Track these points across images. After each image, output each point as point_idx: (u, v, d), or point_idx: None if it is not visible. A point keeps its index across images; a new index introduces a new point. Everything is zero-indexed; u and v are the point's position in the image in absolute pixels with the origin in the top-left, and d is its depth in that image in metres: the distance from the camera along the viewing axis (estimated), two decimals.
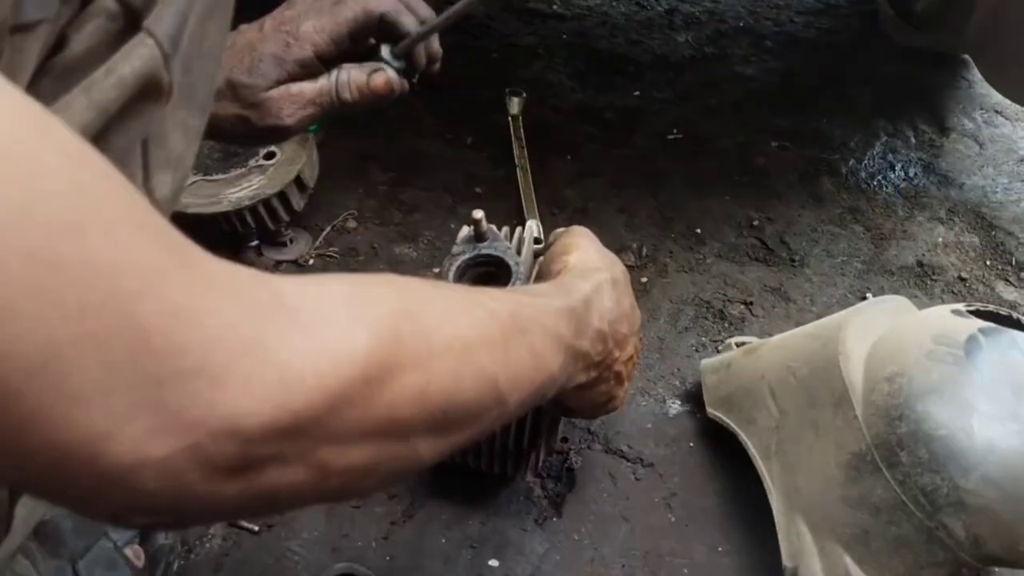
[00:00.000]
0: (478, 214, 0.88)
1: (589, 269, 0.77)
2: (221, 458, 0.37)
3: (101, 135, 0.47)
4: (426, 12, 0.85)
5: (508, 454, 0.93)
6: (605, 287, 0.75)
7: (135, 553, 0.90)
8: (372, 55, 0.85)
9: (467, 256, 0.88)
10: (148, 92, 0.49)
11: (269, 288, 0.40)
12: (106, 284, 0.33)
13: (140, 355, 0.34)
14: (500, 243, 0.90)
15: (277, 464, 0.39)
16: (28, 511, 0.62)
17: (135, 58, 0.47)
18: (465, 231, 0.92)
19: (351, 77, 0.83)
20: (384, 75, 0.84)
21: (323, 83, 0.82)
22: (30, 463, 0.34)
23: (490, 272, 0.89)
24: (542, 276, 0.83)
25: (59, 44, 0.45)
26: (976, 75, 1.73)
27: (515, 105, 1.55)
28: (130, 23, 0.47)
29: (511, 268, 0.87)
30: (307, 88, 0.81)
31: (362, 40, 0.84)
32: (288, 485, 0.41)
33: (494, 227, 0.91)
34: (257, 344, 0.38)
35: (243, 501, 0.40)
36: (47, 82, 0.45)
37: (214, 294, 0.37)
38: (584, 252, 0.81)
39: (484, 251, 0.89)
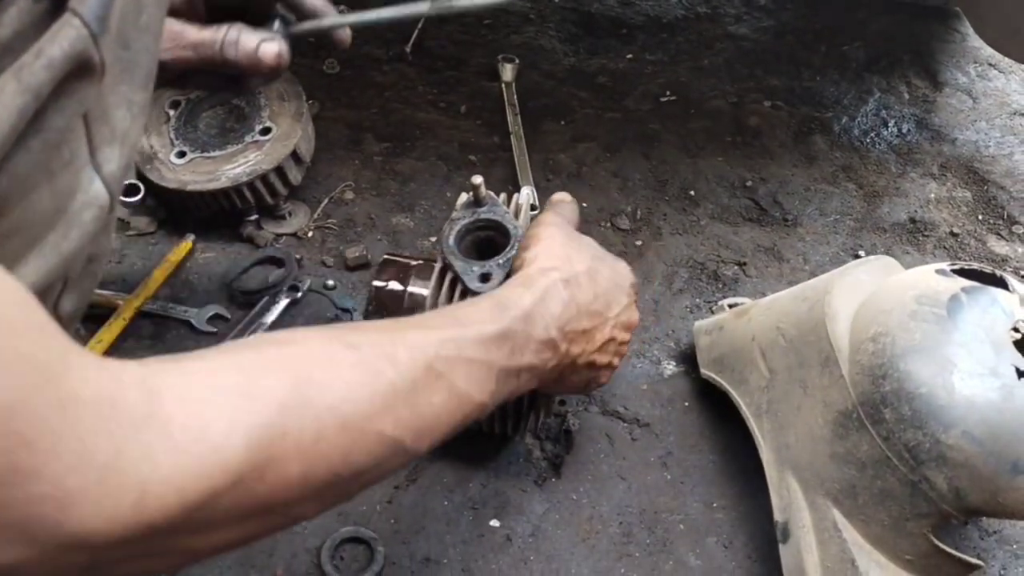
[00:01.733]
0: (477, 179, 0.89)
1: (541, 269, 0.77)
2: (70, 565, 0.39)
3: (37, 117, 0.47)
4: None
5: (508, 415, 0.96)
6: (553, 291, 0.75)
7: None
8: (268, 22, 0.82)
9: (467, 221, 0.91)
10: (79, 72, 0.49)
11: (148, 397, 0.41)
12: None
13: None
14: (499, 208, 0.92)
15: (134, 559, 0.41)
16: None
17: (63, 39, 0.47)
18: (464, 197, 0.94)
19: (241, 37, 0.78)
20: (276, 46, 0.79)
21: (209, 33, 0.78)
22: None
23: (489, 237, 0.92)
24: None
25: None
26: (969, 28, 1.73)
27: (508, 72, 1.56)
28: (56, 4, 0.47)
29: (510, 232, 0.89)
30: (190, 31, 0.78)
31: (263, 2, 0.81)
32: (153, 569, 0.43)
33: (492, 193, 0.93)
34: (114, 467, 0.39)
35: None
36: None
37: (77, 420, 0.38)
38: (545, 245, 0.80)
39: (483, 216, 0.91)
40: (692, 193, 1.41)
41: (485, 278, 0.86)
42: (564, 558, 0.97)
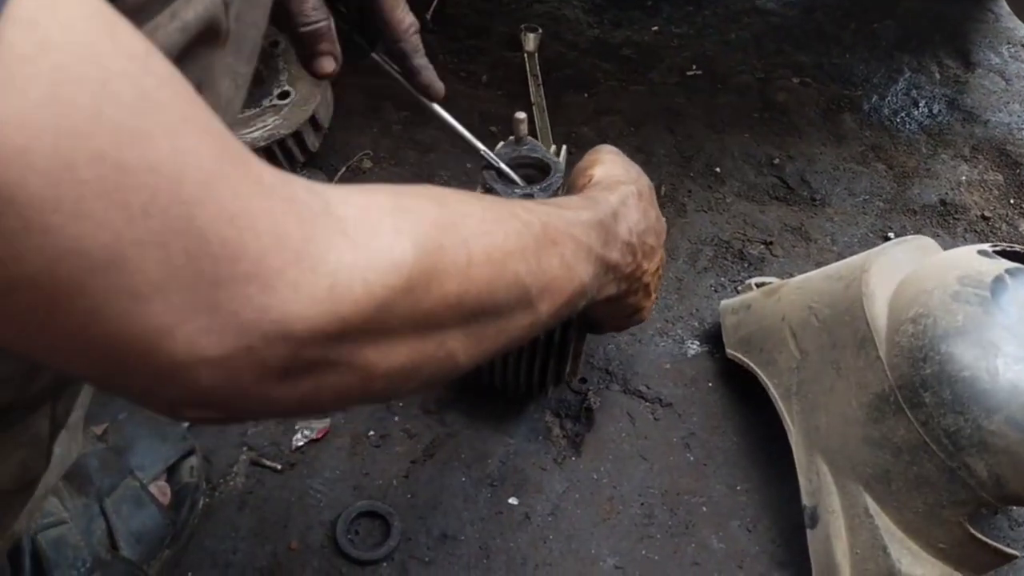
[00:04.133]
0: (521, 115, 0.91)
1: (615, 182, 0.78)
2: (273, 360, 0.38)
3: None
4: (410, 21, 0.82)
5: (532, 369, 0.96)
6: (631, 199, 0.76)
7: (160, 490, 0.91)
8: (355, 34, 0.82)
9: (509, 157, 0.92)
10: (207, 37, 0.50)
11: (320, 198, 0.41)
12: (168, 189, 0.34)
13: (198, 258, 0.35)
14: (540, 146, 0.93)
15: (324, 368, 0.41)
16: (64, 449, 0.63)
17: (197, 4, 0.48)
18: (501, 144, 0.95)
19: (327, 31, 0.77)
20: (333, 66, 0.79)
21: (309, 5, 0.76)
22: (91, 355, 0.36)
23: (528, 175, 0.92)
24: (568, 192, 0.84)
25: None
26: (1003, 8, 1.69)
27: (531, 42, 1.52)
28: None
29: (551, 167, 0.90)
30: None
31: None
32: (334, 387, 0.43)
33: (530, 137, 0.94)
34: (308, 253, 0.39)
35: (292, 402, 0.42)
36: None
37: (269, 202, 0.38)
38: (609, 166, 0.81)
39: (524, 152, 0.92)
40: (718, 170, 1.37)
41: (527, 197, 0.86)
42: (584, 538, 0.95)
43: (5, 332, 0.35)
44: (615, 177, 0.79)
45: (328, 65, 0.78)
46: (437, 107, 0.87)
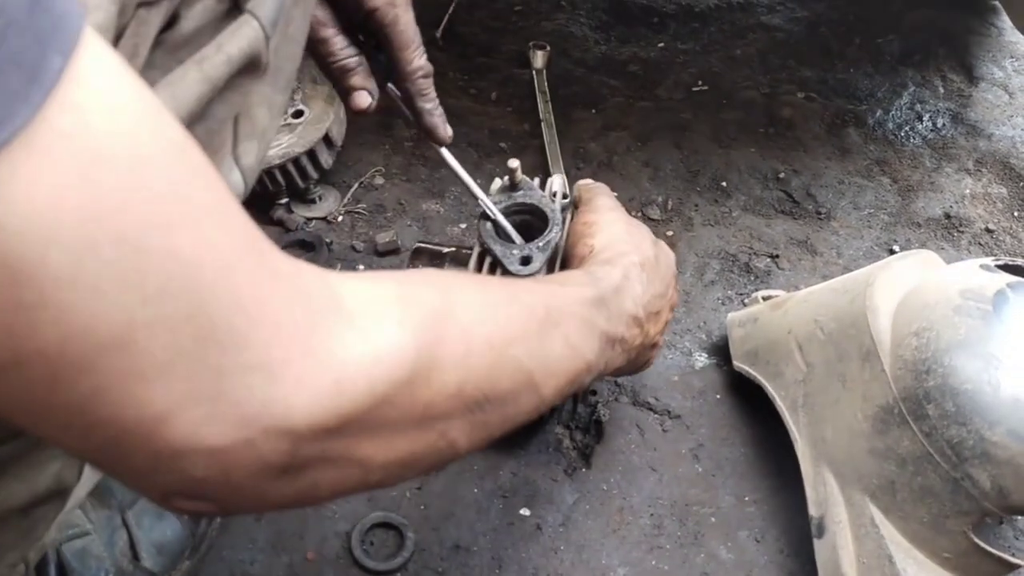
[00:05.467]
0: (514, 163, 0.89)
1: (616, 254, 0.78)
2: (272, 456, 0.38)
3: (207, 105, 0.51)
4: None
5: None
6: (633, 272, 0.76)
7: None
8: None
9: (504, 204, 0.90)
10: (248, 69, 0.52)
11: (329, 288, 0.42)
12: (185, 274, 0.35)
13: (206, 344, 0.36)
14: (535, 191, 0.91)
15: (322, 464, 0.41)
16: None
17: (242, 38, 0.51)
18: (498, 182, 0.93)
19: (357, 69, 0.78)
20: (368, 102, 0.79)
21: (338, 43, 0.77)
22: (90, 435, 0.36)
23: (525, 221, 0.91)
24: (567, 255, 0.84)
25: (171, 20, 0.49)
26: (1007, 22, 1.70)
27: (539, 59, 1.54)
28: (234, 4, 0.51)
29: (548, 216, 0.88)
30: (329, 28, 0.76)
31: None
32: (332, 481, 0.43)
33: (527, 177, 0.92)
34: (314, 345, 0.39)
35: (288, 498, 0.42)
36: (159, 54, 0.49)
37: (281, 293, 0.39)
38: (608, 232, 0.81)
39: (519, 199, 0.90)
40: (724, 184, 1.39)
41: (526, 261, 0.85)
42: (594, 548, 0.97)
43: (7, 406, 0.35)
44: (616, 247, 0.79)
45: (362, 100, 0.79)
46: (443, 151, 0.87)
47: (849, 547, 0.87)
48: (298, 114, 1.22)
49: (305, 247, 1.22)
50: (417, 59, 0.81)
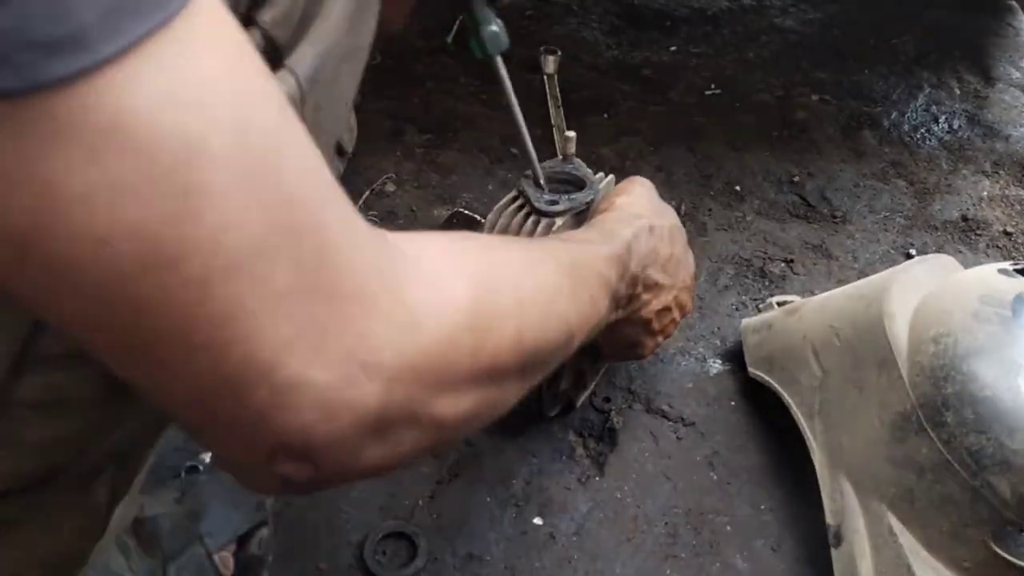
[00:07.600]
0: (571, 134, 0.98)
1: (632, 214, 0.81)
2: (368, 399, 0.39)
3: None
4: None
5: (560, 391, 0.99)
6: (643, 234, 0.79)
7: (223, 562, 0.92)
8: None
9: (551, 169, 0.97)
10: None
11: (391, 238, 0.43)
12: (302, 195, 0.37)
13: (320, 268, 0.37)
14: (584, 168, 0.98)
15: (404, 423, 0.42)
16: (123, 510, 0.63)
17: None
18: (549, 161, 1.00)
19: None
20: None
21: None
22: (221, 364, 0.36)
23: (567, 190, 0.97)
24: (592, 216, 0.87)
25: None
26: (1023, 22, 1.69)
27: (550, 64, 1.53)
28: (272, 60, 0.50)
29: (588, 182, 0.95)
30: None
31: None
32: (410, 443, 0.44)
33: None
34: (396, 284, 0.41)
35: (375, 460, 0.42)
36: None
37: (367, 232, 0.41)
38: (634, 197, 0.85)
39: (568, 169, 0.98)
40: (738, 188, 1.38)
41: (552, 203, 0.91)
42: (609, 558, 0.96)
43: (158, 317, 0.35)
44: (635, 210, 0.82)
45: None
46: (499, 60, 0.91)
47: (867, 556, 0.86)
48: None
49: None
50: None
